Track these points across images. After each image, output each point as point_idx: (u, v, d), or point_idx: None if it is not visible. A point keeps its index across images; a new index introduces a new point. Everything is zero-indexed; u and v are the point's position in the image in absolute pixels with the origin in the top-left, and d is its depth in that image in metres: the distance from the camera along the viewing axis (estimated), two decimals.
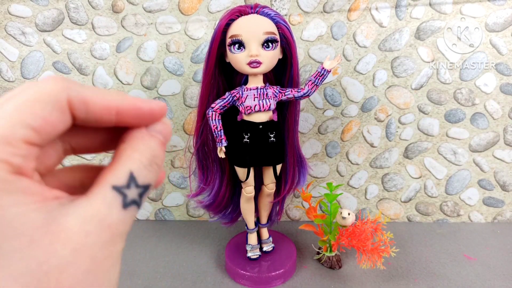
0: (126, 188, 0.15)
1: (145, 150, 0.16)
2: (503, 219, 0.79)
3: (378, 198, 0.80)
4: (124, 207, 0.15)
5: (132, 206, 0.15)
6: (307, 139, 0.77)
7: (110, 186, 0.15)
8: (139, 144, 0.16)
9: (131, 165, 0.15)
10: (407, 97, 0.73)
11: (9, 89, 0.76)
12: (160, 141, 0.17)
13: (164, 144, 0.17)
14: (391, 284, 0.61)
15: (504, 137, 0.74)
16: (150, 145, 0.16)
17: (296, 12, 0.69)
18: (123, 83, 0.75)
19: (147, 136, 0.17)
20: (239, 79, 0.59)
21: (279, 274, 0.61)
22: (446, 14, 0.68)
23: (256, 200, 0.65)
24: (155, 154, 0.16)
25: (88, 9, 0.71)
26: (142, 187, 0.16)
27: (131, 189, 0.15)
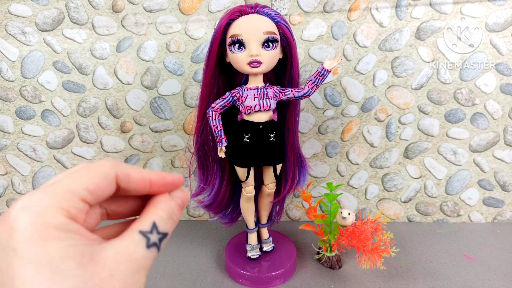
0: (149, 233, 0.20)
1: (166, 208, 0.22)
2: (503, 219, 0.79)
3: (378, 198, 0.80)
4: (147, 247, 0.20)
5: (153, 247, 0.20)
6: (307, 139, 0.77)
7: (138, 230, 0.20)
8: (161, 204, 0.22)
9: (154, 217, 0.21)
10: (407, 97, 0.73)
11: (9, 89, 0.76)
12: (177, 204, 0.23)
13: (181, 207, 0.23)
14: (391, 284, 0.61)
15: (504, 137, 0.74)
16: (170, 205, 0.22)
17: (296, 12, 0.69)
18: (123, 82, 0.75)
19: (168, 199, 0.23)
20: (239, 79, 0.59)
21: (279, 274, 0.61)
22: (446, 14, 0.68)
23: (256, 200, 0.65)
24: (173, 212, 0.22)
25: (88, 8, 0.71)
26: (162, 234, 0.21)
27: (153, 234, 0.20)
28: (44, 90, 0.76)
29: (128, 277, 0.18)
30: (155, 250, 0.20)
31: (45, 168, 0.82)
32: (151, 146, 0.79)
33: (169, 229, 0.21)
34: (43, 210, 0.18)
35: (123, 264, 0.18)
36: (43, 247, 0.17)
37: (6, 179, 0.84)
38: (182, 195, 0.23)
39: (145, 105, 0.76)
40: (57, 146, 0.80)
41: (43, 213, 0.18)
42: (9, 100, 0.77)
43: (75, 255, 0.17)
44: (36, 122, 0.79)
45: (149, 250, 0.20)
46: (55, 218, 0.18)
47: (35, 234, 0.17)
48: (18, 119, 0.79)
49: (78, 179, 0.20)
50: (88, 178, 0.20)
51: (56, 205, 0.18)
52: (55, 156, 0.81)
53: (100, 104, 0.77)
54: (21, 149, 0.81)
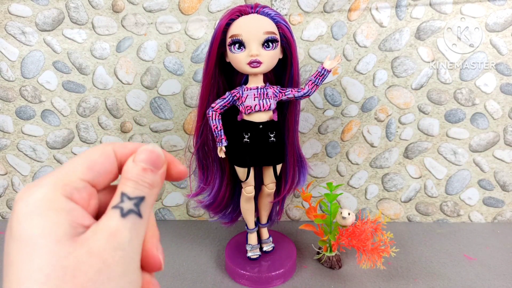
0: (120, 203, 0.19)
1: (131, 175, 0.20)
2: (503, 219, 0.79)
3: (378, 198, 0.80)
4: (122, 216, 0.19)
5: (131, 214, 0.19)
6: (307, 139, 0.77)
7: (110, 207, 0.19)
8: (126, 173, 0.21)
9: (122, 188, 0.20)
10: (407, 97, 0.73)
11: (9, 89, 0.76)
12: (142, 168, 0.21)
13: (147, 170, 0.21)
14: (391, 284, 0.61)
15: (504, 137, 0.74)
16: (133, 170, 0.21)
17: (296, 12, 0.69)
18: (123, 82, 0.75)
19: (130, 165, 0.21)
20: (239, 79, 0.59)
21: (279, 274, 0.61)
22: (446, 14, 0.68)
23: (256, 200, 0.65)
24: (139, 176, 0.20)
25: (88, 8, 0.71)
26: (135, 198, 0.20)
27: (125, 202, 0.19)
28: (44, 90, 0.76)
29: (108, 253, 0.18)
30: (134, 217, 0.19)
31: (45, 168, 0.82)
32: None
33: (143, 192, 0.20)
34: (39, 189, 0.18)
35: (101, 240, 0.18)
36: (27, 224, 0.17)
37: (6, 179, 0.84)
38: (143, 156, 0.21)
39: (145, 105, 0.76)
40: (57, 146, 0.80)
41: (37, 191, 0.18)
42: (9, 100, 0.77)
43: (56, 232, 0.17)
44: (36, 122, 0.79)
45: (126, 218, 0.19)
46: (46, 195, 0.18)
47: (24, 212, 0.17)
48: (18, 119, 0.79)
49: (76, 160, 0.20)
50: (85, 157, 0.20)
51: (53, 183, 0.18)
52: (55, 156, 0.81)
53: (100, 104, 0.77)
54: (21, 149, 0.81)
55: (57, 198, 0.18)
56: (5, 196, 0.85)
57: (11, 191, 0.84)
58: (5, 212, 0.86)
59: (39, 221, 0.17)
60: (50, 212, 0.18)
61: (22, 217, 0.17)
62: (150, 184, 0.21)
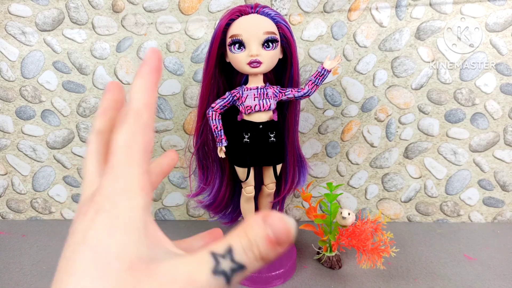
0: (221, 257, 0.16)
1: (249, 236, 0.17)
2: (503, 219, 0.79)
3: (378, 198, 0.80)
4: (214, 272, 0.16)
5: (221, 277, 0.16)
6: (307, 139, 0.77)
7: (209, 251, 0.16)
8: (248, 229, 0.17)
9: (233, 241, 0.17)
10: (407, 97, 0.73)
11: (9, 89, 0.76)
12: (268, 238, 0.17)
13: (272, 242, 0.17)
14: (391, 284, 0.61)
15: (504, 137, 0.74)
16: (256, 234, 0.17)
17: (296, 12, 0.69)
18: (123, 82, 0.75)
19: (257, 226, 0.17)
20: (239, 79, 0.59)
21: (279, 274, 0.61)
22: (446, 14, 0.68)
23: (256, 200, 0.65)
24: (256, 244, 0.17)
25: (88, 8, 0.71)
26: (236, 263, 0.16)
27: (225, 259, 0.16)
28: (44, 90, 0.76)
29: None
30: (222, 281, 0.16)
31: (45, 168, 0.82)
32: None
33: (246, 262, 0.17)
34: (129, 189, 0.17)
35: (178, 284, 0.15)
36: (107, 235, 0.16)
37: (6, 179, 0.84)
38: (278, 226, 0.17)
39: None
40: (57, 146, 0.80)
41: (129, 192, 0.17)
42: (9, 100, 0.77)
43: (131, 255, 0.16)
44: (36, 122, 0.79)
45: (215, 278, 0.16)
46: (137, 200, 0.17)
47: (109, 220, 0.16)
48: (18, 119, 0.79)
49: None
50: None
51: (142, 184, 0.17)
52: (55, 156, 0.81)
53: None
54: (21, 149, 0.81)
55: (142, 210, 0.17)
56: (5, 196, 0.85)
57: (11, 191, 0.84)
58: (5, 212, 0.86)
59: (118, 237, 0.16)
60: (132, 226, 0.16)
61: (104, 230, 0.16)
62: (262, 259, 0.17)
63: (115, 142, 0.18)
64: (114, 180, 0.17)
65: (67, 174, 0.82)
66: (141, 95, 0.19)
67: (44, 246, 0.75)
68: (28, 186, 0.84)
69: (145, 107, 0.19)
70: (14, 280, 0.64)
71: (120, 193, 0.17)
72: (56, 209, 0.85)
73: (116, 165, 0.17)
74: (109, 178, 0.17)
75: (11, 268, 0.68)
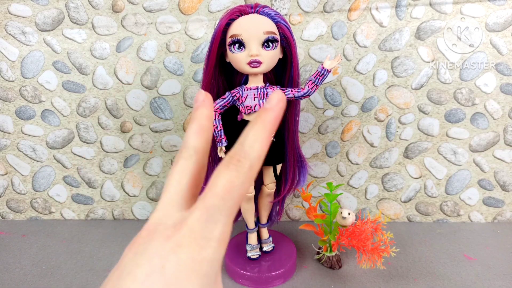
0: None
1: None
2: (503, 219, 0.79)
3: (378, 198, 0.80)
4: None
5: None
6: (307, 139, 0.77)
7: None
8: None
9: None
10: (407, 97, 0.73)
11: (9, 89, 0.76)
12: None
13: None
14: (391, 284, 0.61)
15: (504, 137, 0.74)
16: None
17: (296, 12, 0.69)
18: (123, 82, 0.75)
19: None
20: (239, 79, 0.59)
21: (279, 274, 0.61)
22: (446, 14, 0.68)
23: (256, 200, 0.65)
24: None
25: (88, 8, 0.71)
26: None
27: None
28: (44, 90, 0.76)
29: None
30: None
31: (45, 168, 0.82)
32: (151, 146, 0.79)
33: None
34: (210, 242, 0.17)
35: None
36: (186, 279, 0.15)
37: (6, 179, 0.84)
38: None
39: (145, 105, 0.76)
40: (57, 146, 0.80)
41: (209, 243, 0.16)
42: (9, 100, 0.77)
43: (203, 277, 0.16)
44: (36, 122, 0.79)
45: None
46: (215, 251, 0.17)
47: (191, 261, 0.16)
48: (18, 119, 0.79)
49: None
50: None
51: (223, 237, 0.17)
52: (55, 156, 0.81)
53: (100, 104, 0.77)
54: (21, 149, 0.81)
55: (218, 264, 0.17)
56: (5, 196, 0.85)
57: (11, 191, 0.84)
58: (5, 212, 0.86)
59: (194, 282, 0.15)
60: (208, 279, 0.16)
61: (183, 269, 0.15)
62: None
63: (216, 183, 0.17)
64: (204, 223, 0.17)
65: (67, 174, 0.82)
66: (259, 146, 0.18)
67: (44, 246, 0.75)
68: (28, 186, 0.84)
69: (258, 160, 0.18)
70: (14, 280, 0.64)
71: (206, 239, 0.16)
72: (56, 209, 0.85)
73: (211, 209, 0.17)
74: (201, 218, 0.17)
75: (11, 268, 0.68)
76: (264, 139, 0.19)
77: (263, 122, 0.19)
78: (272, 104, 0.19)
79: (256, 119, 0.19)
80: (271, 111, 0.19)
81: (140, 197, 0.83)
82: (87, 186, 0.83)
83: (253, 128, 0.19)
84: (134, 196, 0.83)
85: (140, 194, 0.83)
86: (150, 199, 0.83)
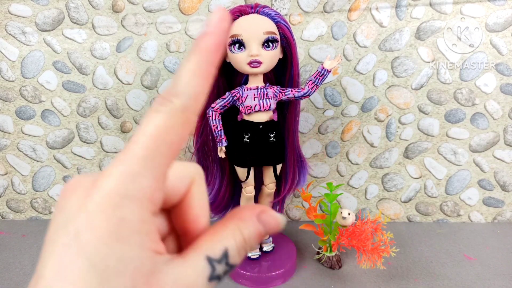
0: (217, 262, 0.16)
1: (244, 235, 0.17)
2: (503, 219, 0.79)
3: (378, 198, 0.80)
4: (210, 280, 0.16)
5: (215, 280, 0.16)
6: (307, 139, 0.77)
7: (205, 255, 0.16)
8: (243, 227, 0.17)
9: (229, 241, 0.16)
10: (407, 97, 0.73)
11: (9, 89, 0.76)
12: (259, 232, 0.17)
13: (261, 236, 0.17)
14: (391, 284, 0.61)
15: (504, 137, 0.74)
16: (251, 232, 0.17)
17: (296, 12, 0.69)
18: (123, 82, 0.75)
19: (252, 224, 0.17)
20: (240, 79, 0.59)
21: (279, 274, 0.61)
22: (446, 14, 0.68)
23: (256, 200, 0.65)
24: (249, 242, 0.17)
25: (88, 8, 0.71)
26: (229, 266, 0.16)
27: (221, 264, 0.16)
28: (44, 90, 0.76)
29: None
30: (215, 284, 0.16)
31: (45, 168, 0.82)
32: None
33: (237, 261, 0.17)
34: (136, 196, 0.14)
35: None
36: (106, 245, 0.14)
37: (6, 179, 0.84)
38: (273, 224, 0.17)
39: (145, 105, 0.76)
40: (57, 146, 0.80)
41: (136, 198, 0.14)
42: (9, 100, 0.77)
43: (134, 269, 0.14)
44: (36, 122, 0.79)
45: (210, 284, 0.16)
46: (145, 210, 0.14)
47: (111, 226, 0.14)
48: (18, 119, 0.79)
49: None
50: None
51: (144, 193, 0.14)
52: (55, 156, 0.81)
53: (100, 104, 0.77)
54: (21, 149, 0.81)
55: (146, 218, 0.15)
56: (5, 196, 0.85)
57: (11, 191, 0.84)
58: (5, 212, 0.86)
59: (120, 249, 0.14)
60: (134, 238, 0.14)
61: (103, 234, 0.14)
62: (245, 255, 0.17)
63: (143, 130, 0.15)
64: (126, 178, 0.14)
65: (67, 174, 0.82)
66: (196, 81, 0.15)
67: None
68: (28, 186, 0.84)
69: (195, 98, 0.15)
70: (14, 280, 0.64)
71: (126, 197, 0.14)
72: None
73: (136, 161, 0.14)
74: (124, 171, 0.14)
75: (11, 268, 0.68)
76: (202, 72, 0.15)
77: (201, 51, 0.15)
78: (211, 25, 0.15)
79: (193, 47, 0.15)
80: (210, 35, 0.15)
81: None
82: None
83: (189, 60, 0.15)
84: None
85: None
86: None
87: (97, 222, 0.14)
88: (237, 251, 0.16)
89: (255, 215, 0.17)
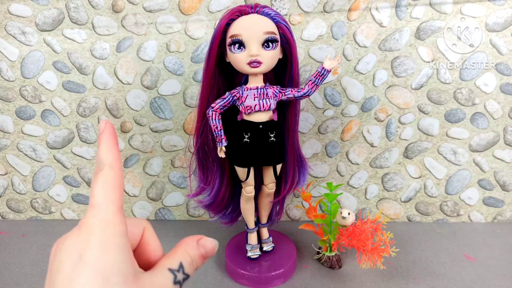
0: (177, 271, 0.23)
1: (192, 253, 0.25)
2: (503, 219, 0.79)
3: (378, 198, 0.80)
4: (174, 283, 0.23)
5: (178, 285, 0.23)
6: (307, 139, 0.77)
7: (167, 268, 0.23)
8: (189, 249, 0.25)
9: (182, 258, 0.25)
10: (407, 97, 0.73)
11: (9, 89, 0.76)
12: (201, 254, 0.26)
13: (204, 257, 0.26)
14: (391, 284, 0.61)
15: (504, 137, 0.74)
16: (194, 253, 0.26)
17: (296, 12, 0.69)
18: (123, 82, 0.75)
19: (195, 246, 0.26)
20: (239, 79, 0.59)
21: (279, 274, 0.61)
22: (446, 14, 0.68)
23: (256, 200, 0.65)
24: (195, 259, 0.25)
25: (88, 8, 0.71)
26: (186, 275, 0.24)
27: (179, 273, 0.24)
28: (44, 90, 0.76)
29: None
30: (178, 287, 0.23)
31: (45, 168, 0.82)
32: (151, 146, 0.79)
33: (191, 272, 0.25)
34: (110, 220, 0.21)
35: None
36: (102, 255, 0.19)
37: (6, 179, 0.84)
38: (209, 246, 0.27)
39: (145, 105, 0.76)
40: (57, 146, 0.80)
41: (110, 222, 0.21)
42: (9, 100, 0.77)
43: (124, 270, 0.20)
44: (36, 122, 0.79)
45: (175, 286, 0.23)
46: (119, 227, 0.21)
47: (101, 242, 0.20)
48: (18, 119, 0.79)
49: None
50: None
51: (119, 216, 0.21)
52: (55, 156, 0.81)
53: (100, 104, 0.77)
54: (21, 149, 0.81)
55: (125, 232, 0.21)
56: (5, 196, 0.85)
57: (11, 191, 0.84)
58: (5, 212, 0.86)
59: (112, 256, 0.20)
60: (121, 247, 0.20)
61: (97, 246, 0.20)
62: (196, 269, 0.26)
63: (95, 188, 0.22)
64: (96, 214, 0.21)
65: (67, 174, 0.82)
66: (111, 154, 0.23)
67: (44, 246, 0.75)
68: (28, 186, 0.84)
69: (114, 161, 0.23)
70: (14, 280, 0.64)
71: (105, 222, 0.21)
72: (56, 209, 0.85)
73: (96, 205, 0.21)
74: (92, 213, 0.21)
75: (11, 268, 0.68)
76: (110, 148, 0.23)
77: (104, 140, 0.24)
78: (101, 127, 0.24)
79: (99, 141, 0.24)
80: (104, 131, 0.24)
81: (140, 197, 0.83)
82: (87, 186, 0.83)
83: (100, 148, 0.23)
84: (134, 196, 0.83)
85: (140, 194, 0.83)
86: (150, 199, 0.83)
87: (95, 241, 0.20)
88: (188, 266, 0.25)
89: (195, 241, 0.26)
